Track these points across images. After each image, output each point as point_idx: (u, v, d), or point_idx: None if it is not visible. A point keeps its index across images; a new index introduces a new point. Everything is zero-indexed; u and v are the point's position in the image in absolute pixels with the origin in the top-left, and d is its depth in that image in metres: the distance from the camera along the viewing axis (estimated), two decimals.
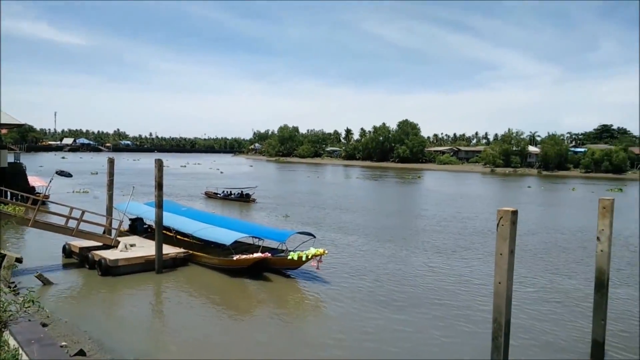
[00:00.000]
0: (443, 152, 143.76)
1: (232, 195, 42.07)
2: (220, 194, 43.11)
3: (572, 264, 19.97)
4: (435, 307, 13.96)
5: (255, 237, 19.28)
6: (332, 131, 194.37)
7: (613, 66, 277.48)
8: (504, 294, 7.77)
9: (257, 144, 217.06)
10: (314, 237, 19.14)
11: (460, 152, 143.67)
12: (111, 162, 21.57)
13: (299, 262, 16.78)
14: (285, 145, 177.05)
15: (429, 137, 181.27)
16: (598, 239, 10.34)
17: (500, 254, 7.77)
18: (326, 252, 17.16)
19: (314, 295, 15.26)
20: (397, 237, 25.02)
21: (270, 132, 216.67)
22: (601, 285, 10.37)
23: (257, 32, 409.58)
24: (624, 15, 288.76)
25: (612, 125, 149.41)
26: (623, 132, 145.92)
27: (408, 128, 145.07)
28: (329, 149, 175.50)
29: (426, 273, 17.99)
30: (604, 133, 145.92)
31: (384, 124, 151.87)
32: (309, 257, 16.58)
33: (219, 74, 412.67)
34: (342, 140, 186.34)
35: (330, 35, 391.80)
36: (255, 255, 16.91)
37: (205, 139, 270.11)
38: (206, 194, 44.55)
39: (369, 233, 26.11)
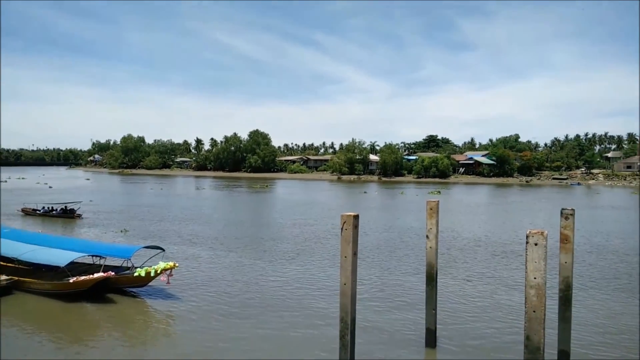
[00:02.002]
0: (294, 161, 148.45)
1: (55, 212, 37.96)
2: (40, 210, 38.58)
3: (403, 260, 21.99)
4: (284, 313, 14.27)
5: (96, 256, 17.68)
6: (181, 141, 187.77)
7: (435, 84, 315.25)
8: (349, 294, 8.28)
9: (97, 156, 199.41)
10: (163, 250, 18.24)
11: (309, 161, 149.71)
12: None
13: (147, 278, 15.81)
14: (130, 157, 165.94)
15: (279, 147, 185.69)
16: (427, 236, 11.61)
17: (345, 257, 8.27)
18: (177, 265, 16.46)
19: (165, 312, 14.50)
20: (246, 246, 25.05)
21: (112, 143, 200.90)
22: (431, 278, 11.65)
23: (93, 35, 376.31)
24: (444, 40, 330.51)
25: (437, 136, 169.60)
26: (446, 141, 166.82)
27: (259, 138, 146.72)
28: (178, 159, 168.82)
29: (273, 279, 18.30)
30: (431, 143, 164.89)
31: (235, 134, 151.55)
32: (158, 272, 15.72)
33: (48, 79, 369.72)
34: (193, 151, 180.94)
35: (177, 42, 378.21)
36: (96, 275, 15.47)
37: (33, 151, 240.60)
38: (23, 210, 39.38)
39: (218, 243, 25.71)
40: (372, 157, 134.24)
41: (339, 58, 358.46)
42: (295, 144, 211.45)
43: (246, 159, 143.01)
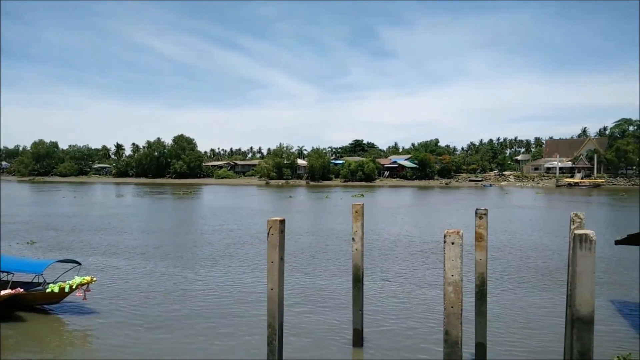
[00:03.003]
0: (221, 167, 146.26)
1: None
2: None
3: (329, 263, 22.27)
4: (208, 321, 13.95)
5: (2, 272, 16.29)
6: (100, 146, 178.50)
7: (361, 90, 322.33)
8: (276, 299, 8.27)
9: (4, 163, 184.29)
10: (79, 264, 17.16)
11: (237, 166, 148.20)
12: None
13: (62, 294, 14.79)
14: (42, 163, 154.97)
15: (206, 152, 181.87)
16: (353, 239, 11.86)
17: (272, 262, 8.26)
18: (94, 279, 15.55)
19: (82, 329, 13.64)
20: (167, 255, 24.19)
21: (21, 149, 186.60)
22: (357, 280, 11.92)
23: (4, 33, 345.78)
24: (368, 47, 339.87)
25: (363, 140, 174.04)
26: (371, 146, 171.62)
27: (184, 143, 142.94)
28: (97, 166, 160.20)
29: (197, 288, 17.82)
30: (357, 147, 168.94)
31: (158, 138, 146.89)
32: (74, 287, 14.78)
33: None
34: (113, 157, 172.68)
35: (96, 42, 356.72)
36: (3, 292, 14.25)
37: None
38: None
39: (138, 253, 24.61)
40: (300, 161, 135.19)
41: (267, 62, 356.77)
42: (223, 149, 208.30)
43: (171, 165, 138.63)
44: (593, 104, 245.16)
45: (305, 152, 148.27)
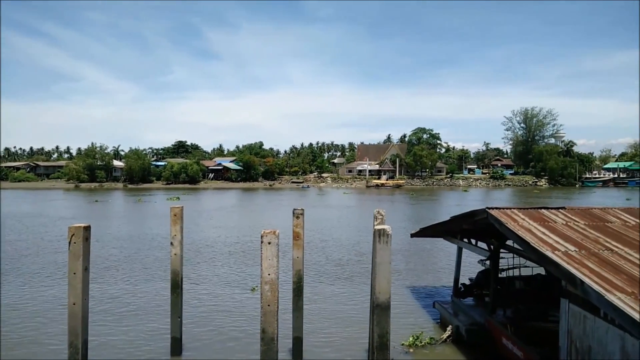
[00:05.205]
0: (18, 168, 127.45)
1: None
2: None
3: (142, 270, 21.01)
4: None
5: None
6: None
7: (184, 90, 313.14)
8: (79, 315, 7.42)
9: None
10: None
11: (39, 167, 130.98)
12: None
13: None
14: None
15: None
16: (172, 243, 11.34)
17: (74, 273, 7.40)
18: None
19: None
20: None
21: None
22: (176, 286, 11.42)
23: None
24: (191, 47, 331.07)
25: (186, 142, 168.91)
26: (195, 147, 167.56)
27: None
28: None
29: None
30: (181, 148, 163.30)
31: None
32: None
33: None
34: None
35: None
36: None
37: None
38: None
39: None
40: (117, 162, 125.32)
41: (77, 54, 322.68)
42: (21, 149, 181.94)
43: None
44: (396, 114, 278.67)
45: (122, 153, 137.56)
